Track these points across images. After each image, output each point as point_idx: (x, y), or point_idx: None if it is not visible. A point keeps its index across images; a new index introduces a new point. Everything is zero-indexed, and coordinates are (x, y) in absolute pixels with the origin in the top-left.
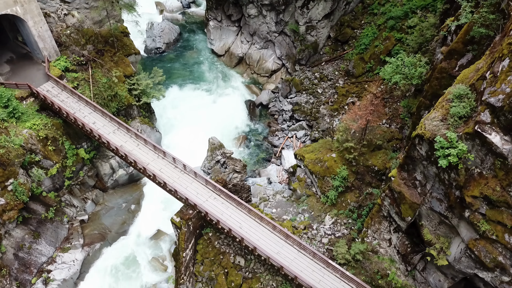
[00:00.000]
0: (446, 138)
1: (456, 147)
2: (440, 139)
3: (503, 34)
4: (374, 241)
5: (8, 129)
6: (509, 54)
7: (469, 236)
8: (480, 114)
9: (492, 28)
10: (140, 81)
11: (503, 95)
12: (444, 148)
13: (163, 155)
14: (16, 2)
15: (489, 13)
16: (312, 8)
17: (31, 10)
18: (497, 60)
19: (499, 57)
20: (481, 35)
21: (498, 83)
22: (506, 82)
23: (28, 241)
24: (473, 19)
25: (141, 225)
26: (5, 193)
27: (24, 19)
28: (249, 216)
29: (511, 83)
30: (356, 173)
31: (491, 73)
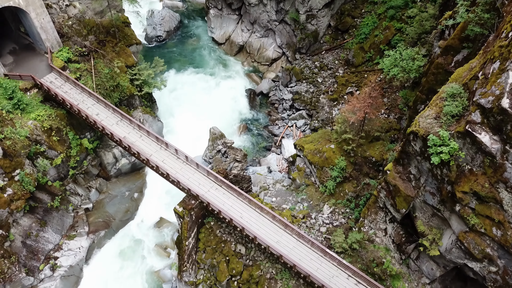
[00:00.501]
0: (439, 136)
1: (448, 145)
2: (433, 137)
3: (497, 34)
4: (370, 231)
5: (14, 120)
6: (500, 57)
7: (459, 229)
8: (471, 114)
9: (486, 27)
10: (141, 71)
11: (493, 97)
12: (437, 145)
13: (165, 147)
14: None
15: (484, 11)
16: None
17: (33, 1)
18: (488, 61)
19: (490, 58)
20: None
21: (488, 84)
22: (496, 85)
23: (35, 229)
24: (468, 18)
25: (144, 213)
26: (13, 183)
27: (27, 10)
28: (249, 206)
29: (500, 85)
30: (354, 163)
31: (483, 74)
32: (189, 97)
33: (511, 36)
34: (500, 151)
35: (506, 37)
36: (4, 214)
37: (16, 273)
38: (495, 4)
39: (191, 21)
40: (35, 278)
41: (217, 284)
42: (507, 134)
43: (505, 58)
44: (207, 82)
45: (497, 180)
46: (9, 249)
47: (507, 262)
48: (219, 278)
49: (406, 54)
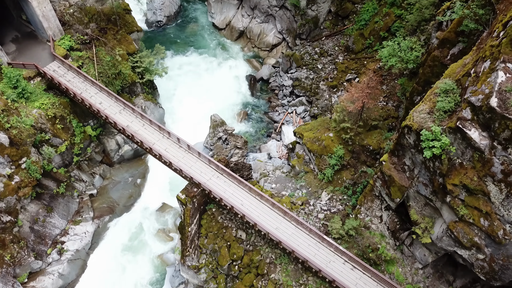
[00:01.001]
0: (431, 131)
1: (440, 139)
2: (426, 132)
3: (490, 31)
4: (366, 218)
5: (19, 109)
6: (491, 57)
7: (450, 218)
8: (462, 111)
9: (481, 22)
10: (143, 59)
11: (482, 96)
12: (429, 140)
13: (168, 135)
14: None
15: (479, 7)
16: None
17: None
18: (480, 59)
19: (482, 57)
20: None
21: (479, 83)
22: (486, 84)
23: (42, 215)
24: (463, 14)
25: (147, 198)
26: (20, 171)
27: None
28: (250, 194)
29: (490, 84)
30: (352, 152)
31: (475, 72)
32: (189, 82)
33: (502, 36)
34: (488, 147)
35: (497, 36)
36: (12, 201)
37: (25, 257)
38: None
39: (191, 5)
40: (43, 261)
41: (219, 268)
42: (495, 131)
43: (495, 58)
44: (207, 67)
45: (485, 174)
46: (18, 234)
47: (493, 250)
48: (221, 263)
49: (404, 45)
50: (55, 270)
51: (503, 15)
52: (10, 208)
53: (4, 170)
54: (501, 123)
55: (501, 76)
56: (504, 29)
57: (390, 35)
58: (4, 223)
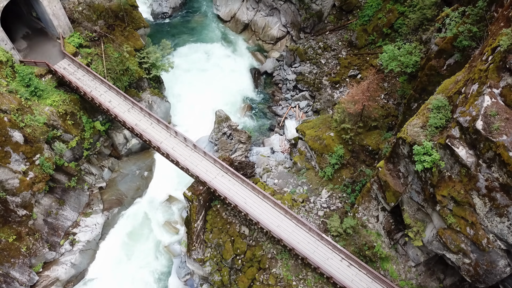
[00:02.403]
0: (423, 146)
1: (431, 154)
2: (418, 148)
3: (481, 50)
4: (363, 217)
5: (32, 107)
6: (479, 80)
7: (439, 225)
8: (452, 129)
9: (475, 39)
10: (149, 54)
11: (470, 117)
12: (421, 154)
13: (175, 134)
14: None
15: (473, 23)
16: None
17: None
18: (470, 81)
19: (472, 79)
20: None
21: (467, 104)
22: (473, 106)
23: (55, 208)
24: (458, 31)
25: (154, 190)
26: (34, 167)
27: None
28: (253, 192)
29: (477, 107)
30: (351, 151)
31: (464, 92)
32: (194, 75)
33: (490, 61)
34: (474, 164)
35: (486, 60)
36: (28, 195)
37: (40, 248)
38: (485, 16)
39: None
40: (56, 252)
41: (223, 262)
42: (480, 151)
43: (483, 82)
44: (212, 60)
45: (471, 188)
46: (32, 227)
47: (478, 256)
48: (225, 256)
49: (404, 49)
50: (67, 260)
51: (493, 39)
52: (25, 202)
53: (19, 166)
54: (485, 144)
55: (487, 100)
56: (493, 54)
57: (393, 31)
58: (20, 216)
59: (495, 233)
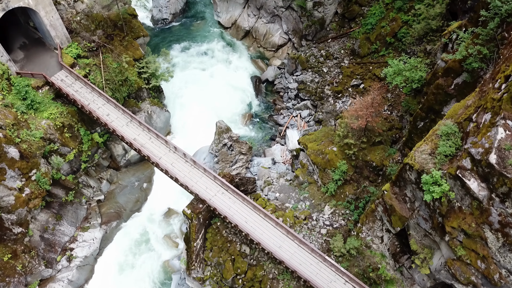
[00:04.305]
0: (432, 175)
1: (440, 184)
2: (426, 177)
3: (493, 75)
4: (367, 237)
5: (28, 121)
6: (492, 110)
7: (448, 255)
8: (462, 160)
9: (485, 60)
10: (149, 64)
11: (482, 149)
12: (429, 184)
13: (174, 149)
14: None
15: (483, 43)
16: None
17: (43, 0)
18: (481, 109)
19: (483, 107)
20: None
21: (479, 135)
22: (486, 137)
23: (52, 223)
24: (468, 54)
25: (153, 203)
26: (30, 183)
27: (36, 10)
28: (254, 211)
29: (490, 139)
30: (355, 167)
31: (476, 121)
32: (195, 82)
33: (503, 90)
34: (486, 198)
35: (499, 88)
36: (23, 212)
37: (36, 266)
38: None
39: (197, 1)
40: (53, 269)
41: (223, 281)
42: (493, 185)
43: (496, 112)
44: (213, 67)
45: (483, 222)
46: (28, 244)
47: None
48: (225, 276)
49: (409, 64)
50: (64, 276)
51: (506, 65)
52: (21, 219)
53: (15, 183)
54: (499, 179)
55: (501, 132)
56: (506, 82)
57: (397, 40)
58: (16, 234)
59: (508, 268)
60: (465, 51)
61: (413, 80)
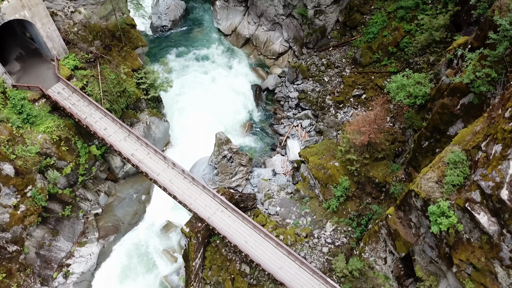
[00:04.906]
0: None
1: (448, 216)
2: (433, 208)
3: (502, 102)
4: (370, 258)
5: (24, 135)
6: (502, 142)
7: (455, 286)
8: (472, 192)
9: (493, 83)
10: (147, 75)
11: (493, 183)
12: (436, 214)
13: (172, 165)
14: (24, 6)
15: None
16: None
17: (39, 12)
18: (491, 139)
19: (493, 137)
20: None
21: (489, 168)
22: (497, 171)
23: (48, 239)
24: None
25: (152, 216)
26: (25, 200)
27: (32, 22)
28: (254, 230)
29: (501, 173)
30: (357, 183)
31: (485, 151)
32: (194, 90)
33: None
34: (497, 233)
35: (510, 118)
36: (18, 230)
37: (32, 284)
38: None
39: (197, 8)
40: (49, 286)
41: None
42: (505, 221)
43: (507, 145)
44: (212, 75)
45: (493, 257)
46: (24, 261)
47: None
48: None
49: (413, 80)
50: None
51: None
52: (16, 237)
53: (10, 200)
54: (511, 215)
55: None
56: None
57: (399, 50)
58: (11, 253)
59: None
60: (473, 75)
61: (417, 95)
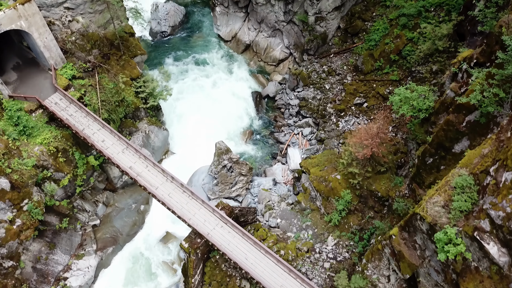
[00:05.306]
0: (446, 233)
1: (456, 244)
2: (440, 236)
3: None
4: (373, 275)
5: (20, 148)
6: None
7: None
8: (480, 221)
9: (501, 103)
10: (146, 83)
11: (504, 213)
12: (443, 241)
13: (171, 179)
14: (20, 16)
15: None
16: (322, 0)
17: (36, 22)
18: (500, 165)
19: (503, 164)
20: None
21: (500, 196)
22: (508, 200)
23: (45, 253)
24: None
25: (151, 227)
26: (21, 214)
27: (29, 32)
28: (254, 246)
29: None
30: (359, 196)
31: (494, 178)
32: (194, 97)
33: None
34: (507, 264)
35: None
36: (14, 245)
37: None
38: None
39: (197, 13)
40: None
41: None
42: None
43: None
44: (212, 81)
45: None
46: (20, 277)
47: None
48: None
49: (417, 93)
50: None
51: None
52: (12, 252)
53: (5, 215)
54: None
55: None
56: None
57: (401, 58)
58: (6, 268)
59: None
60: (480, 95)
61: (421, 109)
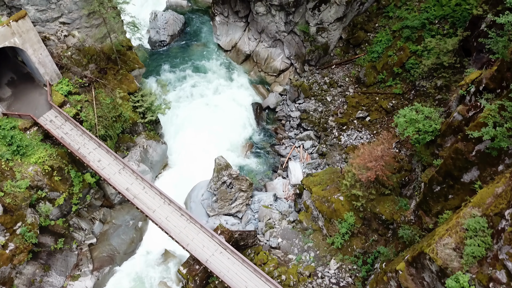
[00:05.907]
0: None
1: None
2: (452, 283)
3: None
4: None
5: (14, 168)
6: None
7: None
8: (496, 271)
9: None
10: (144, 97)
11: None
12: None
13: (169, 202)
14: (14, 33)
15: None
16: (323, 11)
17: (30, 38)
18: None
19: None
20: None
21: None
22: None
23: (39, 275)
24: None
25: (149, 244)
26: (14, 238)
27: (23, 48)
28: (255, 274)
29: None
30: (363, 218)
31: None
32: (193, 109)
33: None
34: None
35: None
36: (7, 270)
37: None
38: None
39: (196, 22)
40: None
41: None
42: None
43: None
44: (212, 92)
45: None
46: None
47: None
48: None
49: (422, 115)
50: None
51: None
52: (4, 278)
53: None
54: None
55: None
56: None
57: (404, 71)
58: None
59: None
60: (493, 130)
61: (427, 131)
